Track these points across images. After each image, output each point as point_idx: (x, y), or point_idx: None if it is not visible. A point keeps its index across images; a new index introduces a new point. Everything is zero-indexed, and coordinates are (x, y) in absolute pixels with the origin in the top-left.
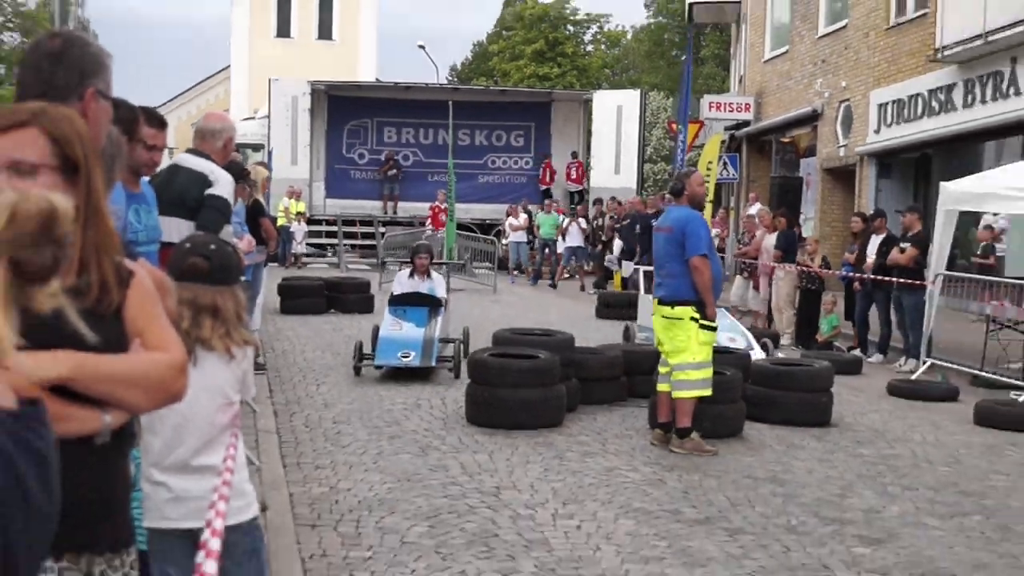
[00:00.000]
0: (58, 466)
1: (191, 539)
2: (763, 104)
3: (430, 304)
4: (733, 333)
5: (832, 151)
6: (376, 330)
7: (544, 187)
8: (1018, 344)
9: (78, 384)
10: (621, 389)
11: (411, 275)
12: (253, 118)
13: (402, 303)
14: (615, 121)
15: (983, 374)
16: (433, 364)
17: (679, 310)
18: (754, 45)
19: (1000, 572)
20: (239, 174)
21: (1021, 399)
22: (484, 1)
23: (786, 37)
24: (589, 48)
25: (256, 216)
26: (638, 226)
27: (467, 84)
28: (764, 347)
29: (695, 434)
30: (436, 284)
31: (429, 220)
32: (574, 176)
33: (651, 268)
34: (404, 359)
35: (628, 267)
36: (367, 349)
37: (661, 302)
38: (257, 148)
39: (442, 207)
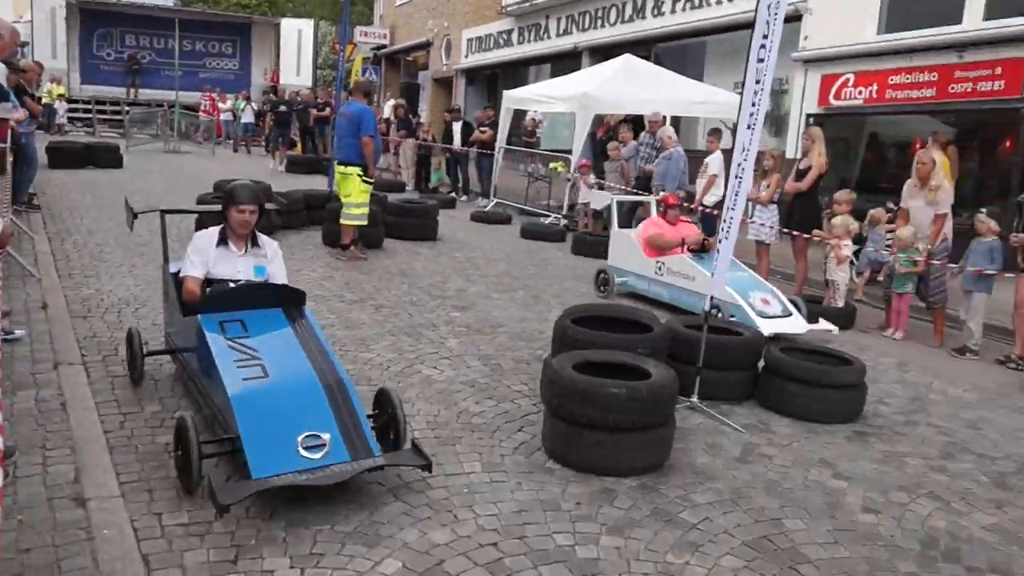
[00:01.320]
0: None
1: None
2: (395, 34)
3: (285, 301)
4: (765, 293)
5: (439, 68)
6: (132, 354)
7: (272, 84)
8: (545, 189)
9: None
10: (304, 219)
11: (223, 242)
12: (19, 22)
13: (227, 307)
14: (297, 41)
15: (525, 207)
16: (376, 458)
17: (351, 169)
18: None
19: (533, 321)
20: (11, 66)
21: (547, 222)
22: None
23: None
24: None
25: (20, 95)
26: (284, 107)
27: (189, 7)
28: (796, 305)
29: (353, 247)
30: (270, 259)
31: (203, 107)
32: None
33: (628, 198)
34: (312, 456)
35: (603, 198)
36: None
37: (339, 163)
38: (23, 45)
39: (213, 95)
